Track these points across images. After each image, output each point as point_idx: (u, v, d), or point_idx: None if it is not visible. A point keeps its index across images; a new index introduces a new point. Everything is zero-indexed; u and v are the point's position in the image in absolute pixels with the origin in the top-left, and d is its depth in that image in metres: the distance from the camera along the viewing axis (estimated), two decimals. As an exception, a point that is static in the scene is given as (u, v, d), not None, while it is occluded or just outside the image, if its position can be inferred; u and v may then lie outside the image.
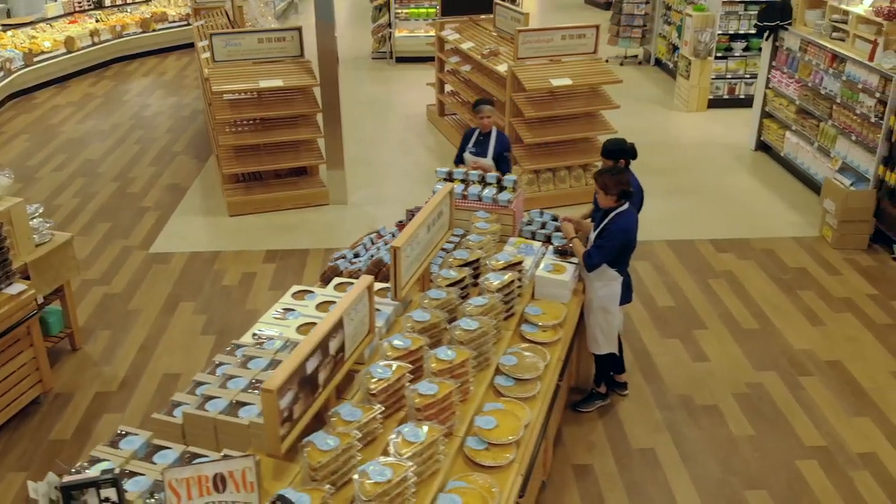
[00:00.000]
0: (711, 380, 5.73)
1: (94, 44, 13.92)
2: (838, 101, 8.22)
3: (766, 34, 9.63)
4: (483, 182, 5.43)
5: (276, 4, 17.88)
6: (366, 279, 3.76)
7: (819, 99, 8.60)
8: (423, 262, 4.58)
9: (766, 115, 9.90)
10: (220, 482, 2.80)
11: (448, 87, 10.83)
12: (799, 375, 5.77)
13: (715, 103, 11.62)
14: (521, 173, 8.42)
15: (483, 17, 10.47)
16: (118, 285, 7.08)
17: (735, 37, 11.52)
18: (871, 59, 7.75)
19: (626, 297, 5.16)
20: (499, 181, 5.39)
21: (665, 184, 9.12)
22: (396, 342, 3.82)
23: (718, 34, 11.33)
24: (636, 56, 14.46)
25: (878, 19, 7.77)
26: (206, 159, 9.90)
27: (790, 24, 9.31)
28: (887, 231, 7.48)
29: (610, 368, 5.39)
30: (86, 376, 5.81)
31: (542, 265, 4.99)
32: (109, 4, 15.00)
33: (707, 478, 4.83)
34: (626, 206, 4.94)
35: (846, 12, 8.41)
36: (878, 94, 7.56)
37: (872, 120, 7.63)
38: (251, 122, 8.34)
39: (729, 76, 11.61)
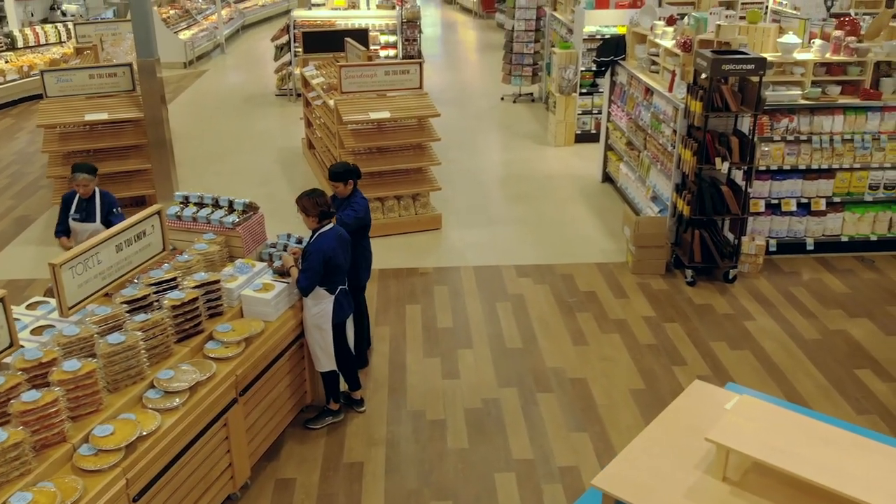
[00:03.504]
0: (451, 396, 5.89)
1: (-2, 84, 14.32)
2: (649, 131, 8.51)
3: (603, 69, 9.98)
4: (216, 205, 5.67)
5: (198, 44, 18.38)
6: (-7, 292, 3.95)
7: (639, 130, 8.90)
8: (114, 281, 4.78)
9: (609, 147, 10.20)
10: None
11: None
12: (538, 392, 5.93)
13: (582, 138, 11.93)
14: (349, 203, 8.66)
15: (343, 54, 10.84)
16: (-76, 311, 7.25)
17: (599, 73, 11.87)
18: (670, 89, 8.05)
19: (340, 314, 5.33)
20: (230, 204, 5.63)
21: (501, 213, 9.39)
22: (27, 354, 4.00)
23: (582, 71, 11.69)
24: (531, 94, 14.85)
25: (678, 51, 8.10)
26: (66, 192, 10.16)
27: (624, 58, 9.65)
28: (682, 256, 7.69)
29: (337, 385, 5.55)
30: None
31: (252, 284, 5.19)
32: (22, 46, 15.44)
33: (400, 489, 4.97)
34: (329, 226, 5.17)
35: (659, 46, 8.75)
36: (672, 124, 7.85)
37: (669, 149, 7.91)
38: (85, 153, 8.61)
39: (595, 112, 11.94)
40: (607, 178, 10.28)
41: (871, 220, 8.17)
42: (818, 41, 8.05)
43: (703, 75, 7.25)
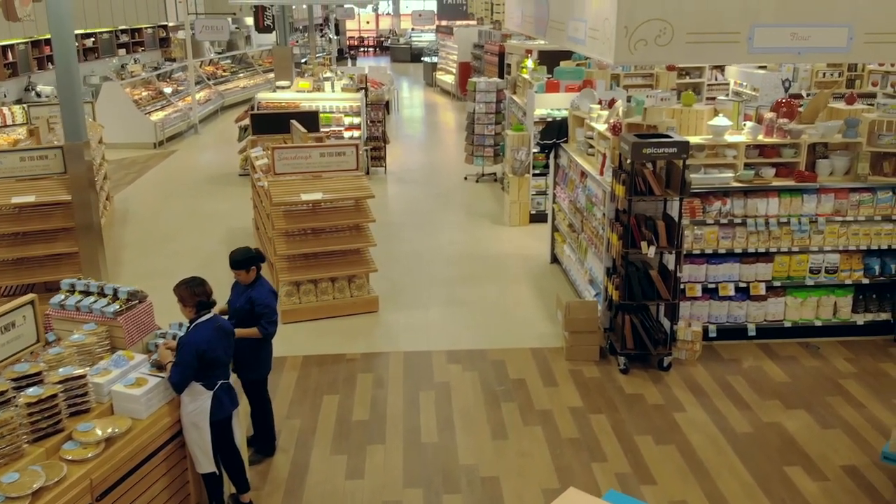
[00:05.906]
0: (350, 499, 5.52)
1: (-41, 163, 14.31)
2: (585, 214, 8.37)
3: (547, 152, 9.94)
4: (101, 293, 5.44)
5: (169, 125, 18.57)
6: None
7: (577, 212, 8.77)
8: (-27, 376, 4.52)
9: (556, 228, 10.06)
10: None
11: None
12: (445, 493, 5.57)
13: (537, 218, 11.81)
14: (280, 285, 8.45)
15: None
16: None
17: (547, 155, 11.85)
18: (601, 173, 7.95)
19: (220, 411, 5.02)
20: (115, 292, 5.41)
21: (444, 294, 9.17)
22: None
23: (535, 152, 11.66)
24: (494, 174, 14.86)
25: (609, 135, 8.03)
26: None
27: (566, 141, 9.62)
28: (615, 343, 7.41)
29: (220, 488, 5.20)
30: None
31: (125, 379, 4.91)
32: (-11, 127, 15.55)
33: None
34: (207, 316, 4.93)
35: (594, 129, 8.71)
36: (602, 207, 7.70)
37: (601, 232, 7.74)
38: (10, 236, 8.45)
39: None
40: (555, 259, 10.10)
41: (814, 304, 7.93)
42: (750, 123, 8.00)
43: (628, 159, 7.15)
